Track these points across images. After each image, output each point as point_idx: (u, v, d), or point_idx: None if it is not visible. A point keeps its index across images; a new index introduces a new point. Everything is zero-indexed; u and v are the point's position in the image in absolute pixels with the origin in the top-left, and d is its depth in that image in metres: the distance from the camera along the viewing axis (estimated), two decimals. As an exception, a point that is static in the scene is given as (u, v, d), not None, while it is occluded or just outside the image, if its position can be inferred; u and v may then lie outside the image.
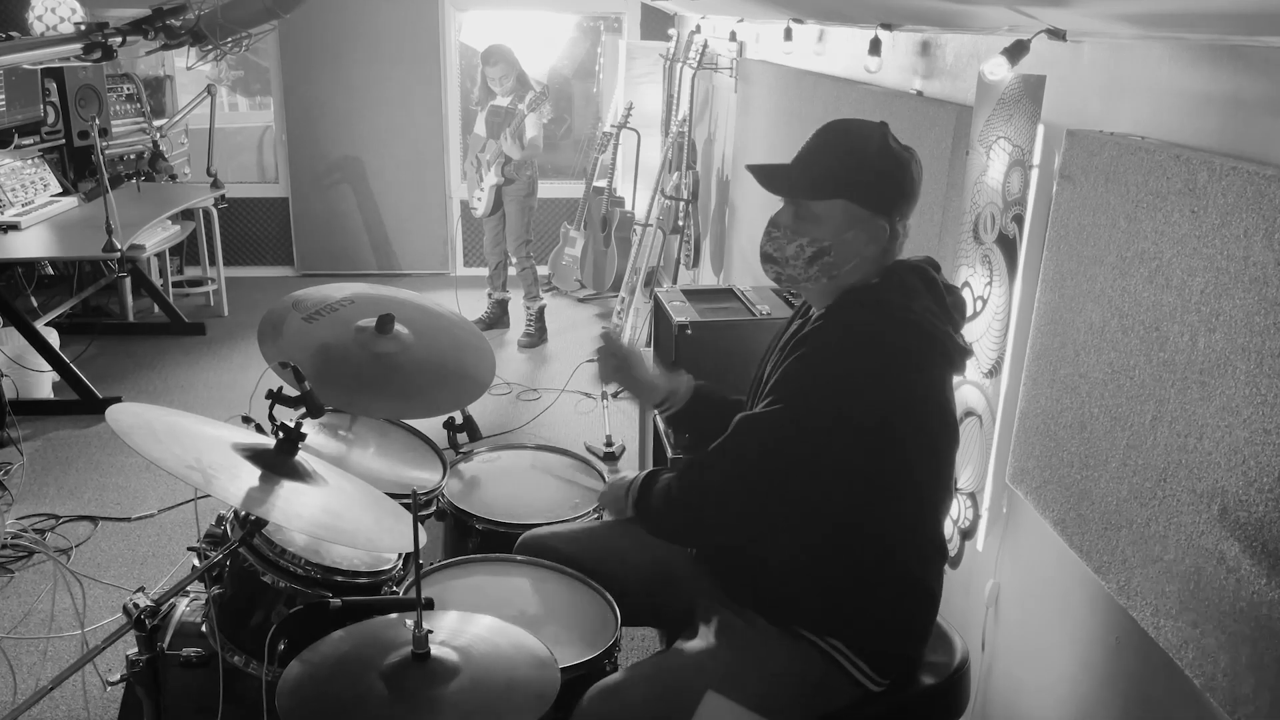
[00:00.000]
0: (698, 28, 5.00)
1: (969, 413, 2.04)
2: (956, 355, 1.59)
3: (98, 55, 2.41)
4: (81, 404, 4.32)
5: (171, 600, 1.81)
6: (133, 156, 5.49)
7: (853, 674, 1.61)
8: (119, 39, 2.41)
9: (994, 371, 1.97)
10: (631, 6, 6.43)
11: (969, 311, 2.05)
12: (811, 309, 1.70)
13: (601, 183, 5.80)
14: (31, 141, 4.82)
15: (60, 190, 4.80)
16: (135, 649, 1.60)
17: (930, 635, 1.70)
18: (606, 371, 1.93)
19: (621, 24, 6.59)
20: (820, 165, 1.59)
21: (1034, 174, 1.83)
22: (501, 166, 5.03)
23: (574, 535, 1.99)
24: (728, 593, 1.72)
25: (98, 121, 4.62)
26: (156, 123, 5.61)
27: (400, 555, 1.87)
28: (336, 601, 1.63)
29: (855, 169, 1.56)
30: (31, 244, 4.19)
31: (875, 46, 2.54)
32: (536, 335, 5.41)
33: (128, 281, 5.56)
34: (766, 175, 1.62)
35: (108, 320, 5.60)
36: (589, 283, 5.90)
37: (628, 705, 1.55)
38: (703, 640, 1.66)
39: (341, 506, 1.60)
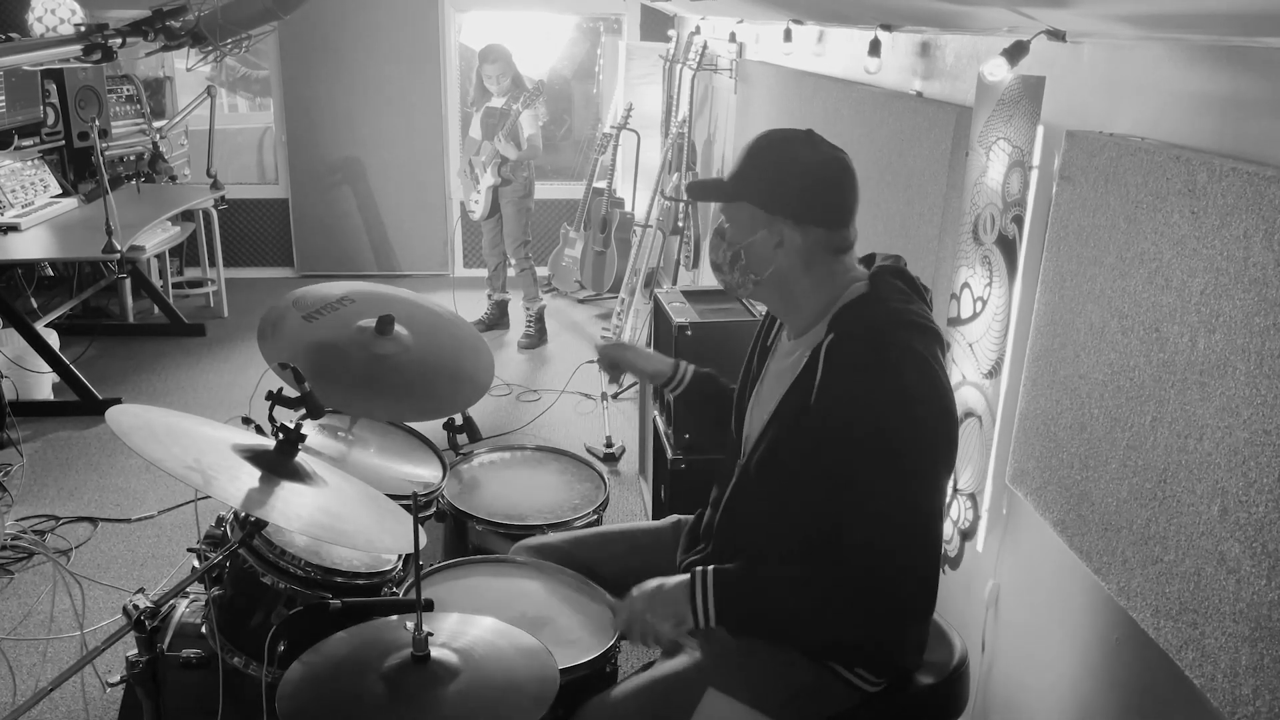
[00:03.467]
0: (697, 29, 5.00)
1: (969, 413, 2.04)
2: (945, 348, 1.63)
3: (98, 56, 2.41)
4: (81, 405, 4.32)
5: (171, 601, 1.81)
6: (133, 158, 5.49)
7: (845, 676, 1.60)
8: (119, 40, 2.42)
9: (994, 372, 1.96)
10: (631, 7, 6.43)
11: (969, 313, 2.06)
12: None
13: (601, 184, 5.80)
14: (31, 143, 4.82)
15: (60, 191, 4.80)
16: (135, 650, 1.59)
17: (925, 644, 1.69)
18: (613, 373, 2.09)
19: (621, 25, 6.59)
20: (734, 171, 1.63)
21: (1034, 175, 1.83)
22: (498, 168, 5.02)
23: (569, 541, 1.98)
24: None
25: (97, 123, 4.62)
26: (156, 124, 5.62)
27: (400, 556, 1.87)
28: (336, 603, 1.63)
29: (755, 170, 1.60)
30: (31, 245, 4.20)
31: (875, 48, 2.55)
32: (536, 336, 5.41)
33: (128, 283, 5.56)
34: (696, 185, 1.72)
35: (108, 321, 5.60)
36: (589, 284, 5.89)
37: (624, 717, 1.55)
38: (695, 648, 1.66)
39: (341, 508, 1.60)
